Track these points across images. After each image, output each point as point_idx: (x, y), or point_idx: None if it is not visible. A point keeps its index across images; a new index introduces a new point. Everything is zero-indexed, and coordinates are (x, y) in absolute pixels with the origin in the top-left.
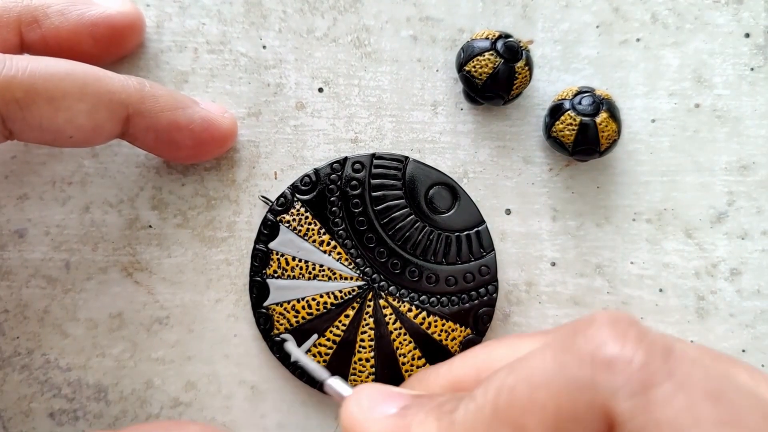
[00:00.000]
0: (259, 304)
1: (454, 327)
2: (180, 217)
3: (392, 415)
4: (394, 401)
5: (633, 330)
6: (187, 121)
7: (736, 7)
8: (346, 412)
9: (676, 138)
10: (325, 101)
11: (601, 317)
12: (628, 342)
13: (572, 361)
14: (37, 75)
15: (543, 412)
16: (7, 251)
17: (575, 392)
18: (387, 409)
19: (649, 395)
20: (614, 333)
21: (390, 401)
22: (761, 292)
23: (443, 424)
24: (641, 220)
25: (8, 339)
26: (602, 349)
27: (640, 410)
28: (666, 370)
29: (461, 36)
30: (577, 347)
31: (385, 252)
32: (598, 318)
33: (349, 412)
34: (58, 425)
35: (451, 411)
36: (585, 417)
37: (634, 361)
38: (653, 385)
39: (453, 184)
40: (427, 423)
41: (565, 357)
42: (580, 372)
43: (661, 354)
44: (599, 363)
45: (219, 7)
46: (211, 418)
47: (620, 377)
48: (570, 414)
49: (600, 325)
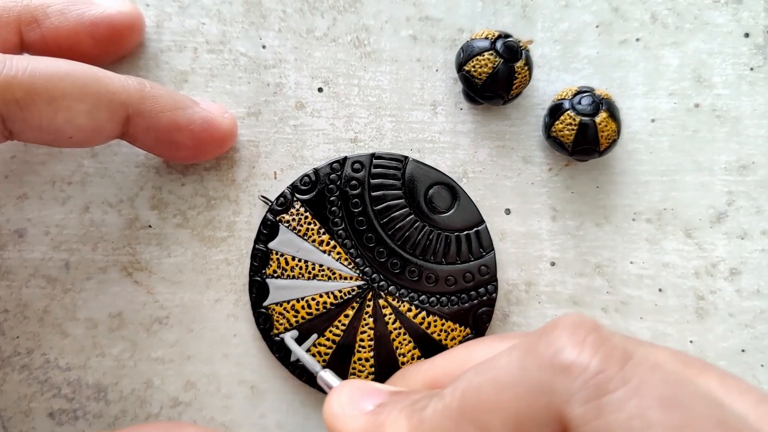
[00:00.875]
0: (259, 303)
1: (454, 327)
2: (180, 217)
3: (368, 413)
4: (372, 398)
5: (592, 336)
6: (187, 122)
7: (735, 6)
8: (328, 406)
9: (675, 138)
10: (325, 101)
11: (564, 322)
12: (585, 348)
13: (532, 365)
14: (37, 75)
15: (505, 413)
16: (7, 251)
17: (534, 395)
18: (364, 406)
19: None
20: (573, 338)
21: (368, 398)
22: (761, 292)
23: (413, 422)
24: (641, 220)
25: (8, 339)
26: (560, 354)
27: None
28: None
29: (461, 36)
30: (538, 351)
31: (385, 252)
32: (560, 323)
33: (330, 407)
34: (57, 425)
35: (421, 409)
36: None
37: (590, 367)
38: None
39: (452, 184)
40: (398, 421)
41: (526, 360)
42: (539, 375)
43: (618, 360)
44: (556, 368)
45: (219, 7)
46: (211, 417)
47: (575, 383)
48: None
49: (561, 330)
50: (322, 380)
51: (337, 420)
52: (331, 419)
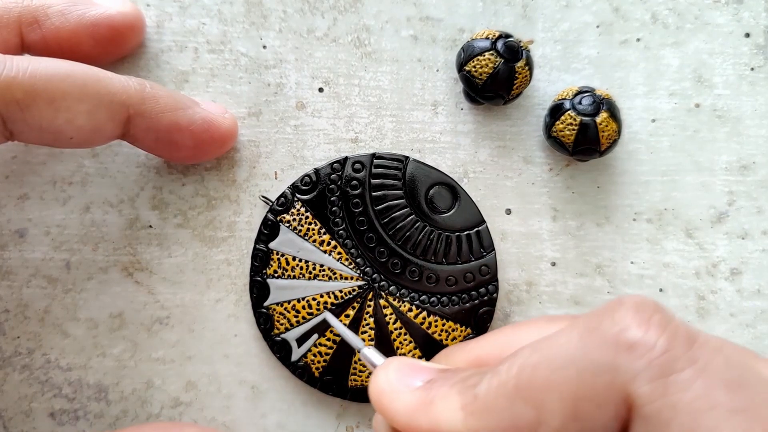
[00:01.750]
0: (260, 303)
1: (455, 327)
2: (180, 217)
3: (418, 388)
4: (421, 374)
5: (657, 316)
6: (187, 122)
7: (736, 7)
8: (375, 383)
9: (676, 138)
10: (326, 101)
11: (628, 301)
12: (651, 327)
13: (595, 343)
14: (37, 76)
15: (562, 391)
16: (8, 251)
17: (596, 374)
18: (413, 382)
19: (668, 380)
20: (639, 318)
21: (416, 374)
22: (761, 292)
23: (466, 398)
24: (641, 220)
25: (9, 339)
26: (625, 333)
27: (659, 394)
28: (687, 357)
29: (461, 36)
30: (601, 330)
31: (386, 252)
32: (624, 302)
33: (377, 384)
34: (58, 425)
35: (474, 385)
36: (604, 399)
37: (657, 346)
38: (673, 370)
39: (453, 184)
40: (450, 396)
41: (588, 339)
42: (602, 354)
43: (683, 341)
44: (622, 346)
45: (219, 7)
46: (212, 417)
47: (641, 361)
48: (589, 395)
49: (626, 309)
50: (365, 357)
51: (385, 396)
52: (378, 395)
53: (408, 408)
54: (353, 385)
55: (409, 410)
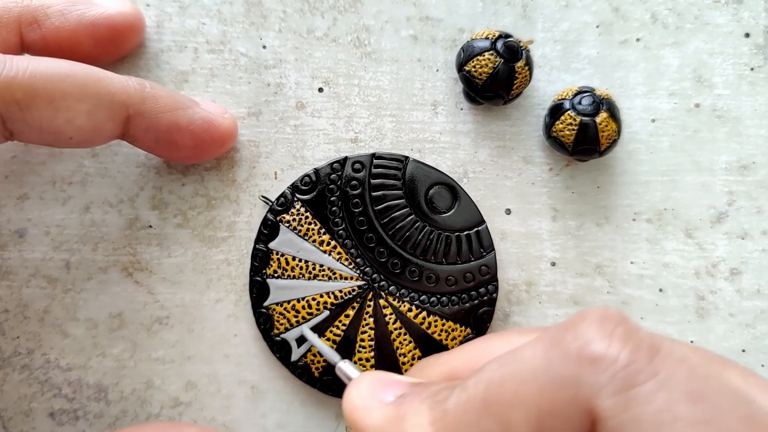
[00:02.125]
0: (260, 304)
1: (455, 327)
2: (180, 217)
3: (390, 403)
4: (392, 389)
5: (620, 328)
6: (187, 122)
7: (736, 7)
8: (347, 398)
9: (676, 138)
10: (325, 101)
11: (591, 314)
12: (614, 340)
13: (559, 357)
14: (37, 76)
15: (528, 406)
16: (8, 251)
17: (559, 388)
18: (385, 397)
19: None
20: (601, 331)
21: (388, 389)
22: (761, 292)
23: (436, 413)
24: (641, 220)
25: (8, 339)
26: (588, 346)
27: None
28: (650, 370)
29: (461, 36)
30: (564, 343)
31: (385, 252)
32: (587, 315)
33: (350, 399)
34: (58, 425)
35: (443, 400)
36: (568, 413)
37: (619, 359)
38: (636, 384)
39: (453, 184)
40: (420, 412)
41: (552, 353)
42: (565, 368)
43: (646, 353)
44: (584, 360)
45: (219, 7)
46: (211, 418)
47: (604, 375)
48: (553, 410)
49: (589, 322)
50: (341, 371)
51: (357, 411)
52: (351, 411)
53: (379, 424)
54: None
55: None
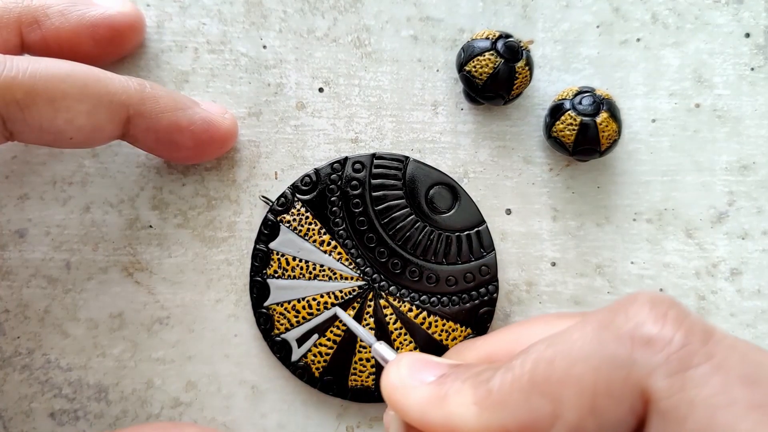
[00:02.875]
0: (260, 304)
1: (455, 327)
2: (180, 217)
3: (430, 383)
4: (433, 370)
5: (673, 311)
6: (187, 122)
7: (736, 7)
8: (387, 378)
9: (676, 138)
10: (326, 101)
11: (642, 297)
12: (668, 322)
13: (611, 338)
14: (37, 76)
15: (580, 385)
16: (8, 251)
17: (613, 368)
18: (425, 377)
19: (685, 375)
20: (654, 313)
21: (429, 369)
22: (762, 292)
23: (480, 392)
24: (641, 220)
25: (9, 339)
26: (642, 327)
27: (676, 389)
28: (704, 352)
29: (461, 36)
30: (616, 325)
31: (386, 252)
32: (639, 297)
33: (390, 379)
34: (58, 425)
35: (487, 380)
36: (621, 393)
37: (674, 341)
38: (691, 365)
39: (453, 184)
40: (463, 391)
41: (604, 333)
42: (618, 349)
43: (700, 336)
44: (638, 341)
45: (219, 7)
46: (212, 418)
47: (658, 356)
48: (606, 389)
49: (641, 304)
50: (376, 353)
51: (398, 391)
52: (390, 390)
53: (421, 403)
54: (353, 386)
55: (422, 405)
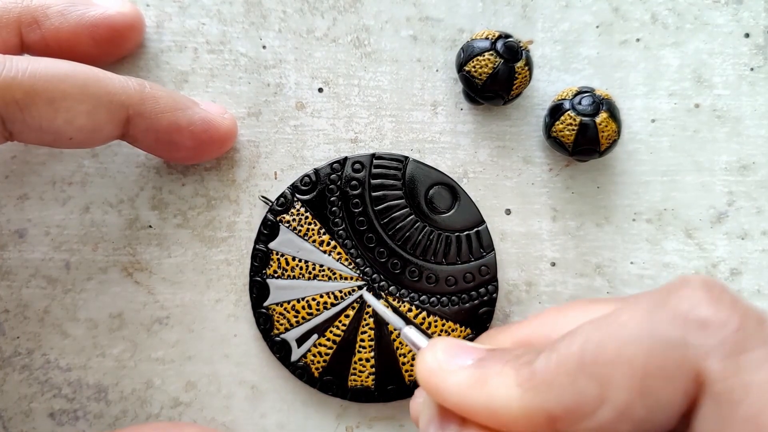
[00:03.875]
0: (259, 304)
1: (455, 327)
2: (180, 217)
3: (469, 366)
4: (470, 354)
5: (727, 294)
6: (187, 122)
7: (736, 7)
8: (422, 363)
9: (676, 138)
10: (325, 101)
11: (695, 280)
12: (723, 305)
13: (664, 320)
14: (37, 76)
15: (631, 366)
16: (8, 251)
17: (666, 350)
18: (463, 361)
19: (741, 359)
20: (709, 295)
21: (466, 353)
22: (761, 292)
23: (522, 374)
24: (641, 220)
25: (8, 339)
26: (696, 309)
27: (732, 372)
28: (760, 336)
29: (461, 36)
30: (670, 306)
31: (385, 252)
32: (691, 280)
33: (426, 364)
34: (58, 425)
35: (530, 362)
36: (674, 375)
37: (729, 324)
38: (746, 349)
39: (453, 184)
40: (505, 373)
41: (657, 315)
42: (672, 330)
43: (755, 320)
44: (693, 323)
45: (219, 7)
46: (211, 418)
47: (714, 338)
48: (659, 370)
49: (694, 287)
50: (406, 337)
51: (434, 375)
52: (426, 375)
53: (461, 386)
54: (353, 386)
55: (462, 388)
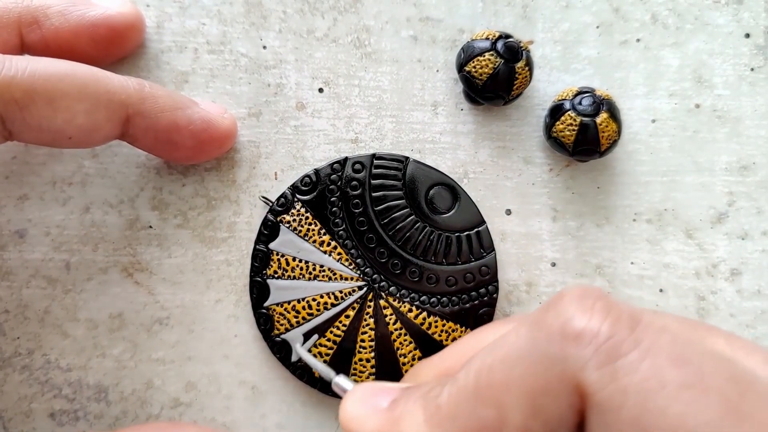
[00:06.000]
0: (260, 304)
1: (455, 327)
2: (180, 218)
3: (384, 409)
4: (386, 395)
5: (600, 303)
6: (186, 122)
7: (736, 7)
8: (343, 410)
9: (676, 138)
10: (326, 101)
11: (570, 292)
12: (594, 315)
13: (542, 337)
14: (36, 76)
15: (519, 387)
16: (8, 251)
17: (546, 367)
18: (379, 404)
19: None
20: (581, 307)
21: (382, 396)
22: (761, 293)
23: (429, 410)
24: (641, 221)
25: (9, 339)
26: (570, 322)
27: (608, 380)
28: (632, 340)
29: (461, 36)
30: (547, 323)
31: (386, 252)
32: (566, 293)
33: (346, 410)
34: (58, 426)
35: (436, 396)
36: (558, 390)
37: (601, 332)
38: (620, 355)
39: (453, 185)
40: (414, 411)
41: (536, 333)
42: (550, 346)
43: (627, 324)
44: (568, 336)
45: (219, 8)
46: (211, 418)
47: (588, 349)
48: (543, 388)
49: (568, 299)
50: (337, 387)
51: (353, 421)
52: (347, 421)
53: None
54: None
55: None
